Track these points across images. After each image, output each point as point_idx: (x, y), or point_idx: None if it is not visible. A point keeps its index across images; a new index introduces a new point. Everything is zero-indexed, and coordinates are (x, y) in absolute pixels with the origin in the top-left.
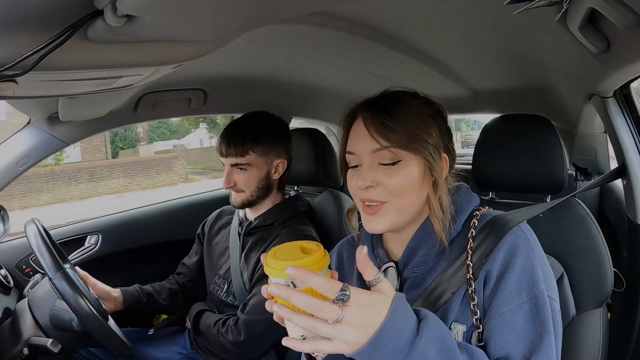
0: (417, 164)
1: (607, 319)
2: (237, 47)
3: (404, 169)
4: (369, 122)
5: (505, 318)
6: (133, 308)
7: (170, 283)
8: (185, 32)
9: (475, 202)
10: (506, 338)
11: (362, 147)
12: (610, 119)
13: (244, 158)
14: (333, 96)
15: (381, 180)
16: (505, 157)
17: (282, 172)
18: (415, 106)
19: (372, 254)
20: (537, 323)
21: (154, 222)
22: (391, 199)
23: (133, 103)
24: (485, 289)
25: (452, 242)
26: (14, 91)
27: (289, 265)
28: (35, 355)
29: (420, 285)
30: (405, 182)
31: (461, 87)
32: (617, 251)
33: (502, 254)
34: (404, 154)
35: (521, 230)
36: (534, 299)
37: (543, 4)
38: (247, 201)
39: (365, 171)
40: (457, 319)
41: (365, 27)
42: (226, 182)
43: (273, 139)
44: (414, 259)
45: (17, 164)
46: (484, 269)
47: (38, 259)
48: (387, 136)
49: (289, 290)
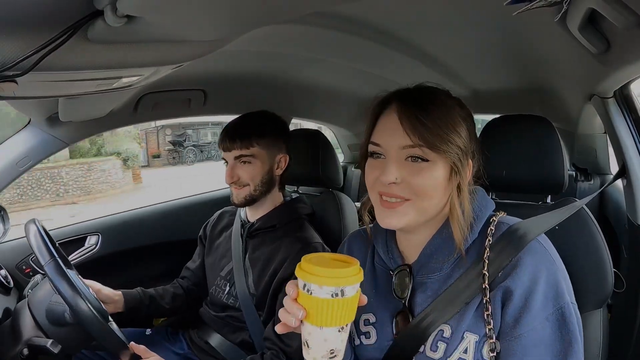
0: (444, 166)
1: (608, 320)
2: (237, 48)
3: (431, 169)
4: (403, 115)
5: (536, 332)
6: (134, 310)
7: (174, 287)
8: (185, 32)
9: (491, 208)
10: (538, 350)
11: (391, 140)
12: (610, 119)
13: (248, 150)
14: (333, 97)
15: (406, 178)
16: (505, 157)
17: (284, 168)
18: (450, 106)
19: (386, 254)
20: (565, 333)
21: (154, 222)
22: (414, 197)
23: (133, 103)
24: (507, 305)
25: (468, 249)
26: (14, 91)
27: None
28: (35, 356)
29: (434, 291)
30: (430, 183)
31: (461, 87)
32: (617, 251)
33: (525, 273)
34: (433, 154)
35: (539, 243)
36: (560, 310)
37: (543, 5)
38: (250, 197)
39: (391, 166)
40: (469, 328)
41: (365, 28)
42: (229, 177)
43: (275, 134)
44: (429, 265)
45: (17, 164)
46: (504, 285)
47: (38, 259)
48: (421, 133)
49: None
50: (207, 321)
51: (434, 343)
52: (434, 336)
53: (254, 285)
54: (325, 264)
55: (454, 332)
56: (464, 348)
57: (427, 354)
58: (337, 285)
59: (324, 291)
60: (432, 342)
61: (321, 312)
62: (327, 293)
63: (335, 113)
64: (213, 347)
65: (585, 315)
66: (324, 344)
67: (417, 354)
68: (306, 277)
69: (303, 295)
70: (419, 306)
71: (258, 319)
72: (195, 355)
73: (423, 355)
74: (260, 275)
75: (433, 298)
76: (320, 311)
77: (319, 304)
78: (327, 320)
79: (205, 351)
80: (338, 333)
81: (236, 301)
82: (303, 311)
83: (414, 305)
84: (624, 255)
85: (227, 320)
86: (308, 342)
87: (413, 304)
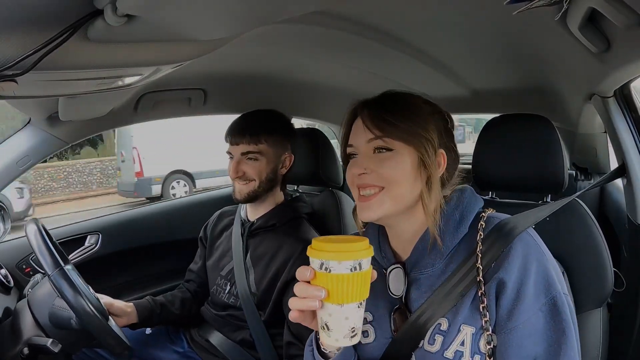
0: (409, 155)
1: (608, 319)
2: (237, 47)
3: (395, 158)
4: (366, 115)
5: (530, 323)
6: (146, 320)
7: (182, 292)
8: (185, 31)
9: (480, 204)
10: (533, 341)
11: (358, 138)
12: (611, 118)
13: (256, 146)
14: (334, 96)
15: (374, 167)
16: (505, 157)
17: (288, 167)
18: (413, 103)
19: (379, 253)
20: (559, 322)
21: (154, 222)
22: (385, 185)
23: (133, 103)
24: (501, 298)
25: (459, 244)
26: (14, 91)
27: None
28: (36, 355)
29: (428, 287)
30: (396, 170)
31: (461, 87)
32: (617, 251)
33: (516, 264)
34: (397, 144)
35: (529, 235)
36: (552, 300)
37: (543, 4)
38: (254, 193)
39: (360, 159)
40: (466, 320)
41: (365, 27)
42: (234, 172)
43: (283, 133)
44: (421, 261)
45: (17, 163)
46: (497, 277)
47: (38, 258)
48: (381, 127)
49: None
50: (208, 320)
51: (432, 336)
52: (431, 330)
53: (256, 285)
54: (335, 242)
55: (450, 325)
56: (461, 340)
57: (425, 347)
58: (356, 259)
59: (343, 266)
60: (429, 336)
61: (342, 289)
62: (346, 268)
63: (335, 112)
64: (214, 346)
65: (585, 314)
66: (345, 322)
67: (415, 349)
68: (323, 256)
69: (321, 275)
70: (415, 302)
71: (259, 318)
72: (195, 354)
73: (421, 349)
74: (261, 275)
75: (429, 294)
76: (341, 287)
77: (339, 280)
78: (348, 296)
79: (205, 349)
80: (357, 309)
81: (237, 300)
82: (324, 290)
83: (410, 301)
84: (624, 255)
85: (228, 319)
86: (328, 324)
87: (409, 300)
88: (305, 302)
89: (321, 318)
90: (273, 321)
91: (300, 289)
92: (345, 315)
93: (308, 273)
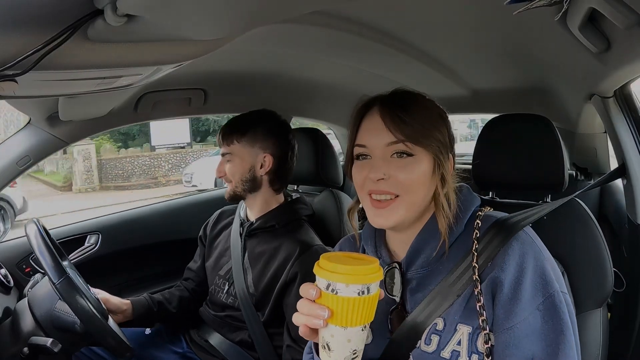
0: (428, 160)
1: (607, 319)
2: (237, 47)
3: (416, 164)
4: (386, 114)
5: (528, 322)
6: (143, 318)
7: (179, 290)
8: (185, 31)
9: (477, 203)
10: (530, 340)
11: (375, 139)
12: (611, 118)
13: (228, 147)
14: (334, 96)
15: (393, 173)
16: (505, 156)
17: (268, 168)
18: (427, 104)
19: (375, 254)
20: (557, 321)
21: (154, 221)
22: (402, 193)
23: (133, 103)
24: (497, 296)
25: (455, 243)
26: (14, 91)
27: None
28: (36, 355)
29: (425, 286)
30: (416, 177)
31: (461, 87)
32: (617, 251)
33: (513, 262)
34: (417, 149)
35: (526, 233)
36: (549, 298)
37: (543, 4)
38: (234, 192)
39: (378, 163)
40: (462, 319)
41: (366, 27)
42: (217, 171)
43: (262, 133)
44: (417, 260)
45: (17, 163)
46: (493, 275)
47: (38, 258)
48: (403, 130)
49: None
50: (207, 320)
51: (428, 336)
52: (427, 330)
53: (254, 285)
54: (344, 262)
55: (446, 325)
56: (457, 340)
57: (421, 347)
58: (364, 283)
59: (350, 290)
60: (426, 336)
61: (347, 312)
62: (354, 292)
63: (335, 112)
64: (213, 346)
65: (585, 314)
66: (347, 344)
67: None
68: (331, 277)
69: (327, 296)
70: (412, 302)
71: (257, 319)
72: (194, 354)
73: (418, 349)
74: (259, 275)
75: (425, 293)
76: (347, 311)
77: (345, 304)
78: (353, 320)
79: (205, 350)
80: (361, 332)
81: (235, 301)
82: (328, 311)
83: (407, 302)
84: (624, 255)
85: (227, 320)
86: (330, 344)
87: (406, 300)
88: (308, 320)
89: (323, 337)
90: (272, 322)
91: (303, 306)
92: (348, 337)
93: (314, 292)
